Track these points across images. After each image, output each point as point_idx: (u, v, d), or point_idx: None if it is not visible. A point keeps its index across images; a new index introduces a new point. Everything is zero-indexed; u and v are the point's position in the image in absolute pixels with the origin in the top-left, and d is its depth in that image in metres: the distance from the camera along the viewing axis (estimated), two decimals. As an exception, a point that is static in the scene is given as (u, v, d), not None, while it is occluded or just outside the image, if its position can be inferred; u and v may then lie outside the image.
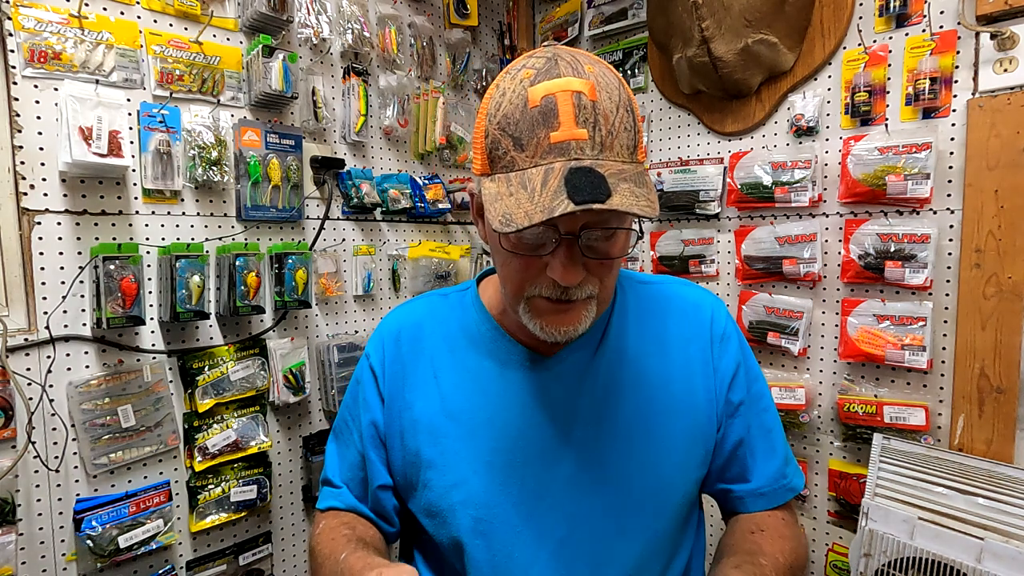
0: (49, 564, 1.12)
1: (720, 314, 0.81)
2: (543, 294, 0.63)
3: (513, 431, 0.72)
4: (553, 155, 0.56)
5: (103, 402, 1.16)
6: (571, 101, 0.56)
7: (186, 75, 1.26)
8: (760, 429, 0.79)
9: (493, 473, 0.72)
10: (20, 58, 1.06)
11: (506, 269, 0.66)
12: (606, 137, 0.57)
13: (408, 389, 0.78)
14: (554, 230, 0.59)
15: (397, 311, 0.87)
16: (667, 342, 0.78)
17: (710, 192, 1.60)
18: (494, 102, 0.60)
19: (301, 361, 1.46)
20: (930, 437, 1.28)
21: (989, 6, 1.15)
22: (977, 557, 1.01)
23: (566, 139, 0.56)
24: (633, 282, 0.83)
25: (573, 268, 0.60)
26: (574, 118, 0.56)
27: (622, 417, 0.73)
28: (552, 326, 0.64)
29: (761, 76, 1.48)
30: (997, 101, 1.16)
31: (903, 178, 1.26)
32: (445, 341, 0.79)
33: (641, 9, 1.77)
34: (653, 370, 0.75)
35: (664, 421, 0.74)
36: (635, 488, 0.72)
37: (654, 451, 0.73)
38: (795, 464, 0.82)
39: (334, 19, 1.54)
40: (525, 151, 0.57)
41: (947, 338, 1.26)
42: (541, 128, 0.56)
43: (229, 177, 1.33)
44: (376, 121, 1.66)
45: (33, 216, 1.09)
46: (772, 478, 0.78)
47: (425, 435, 0.75)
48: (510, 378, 0.74)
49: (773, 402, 0.82)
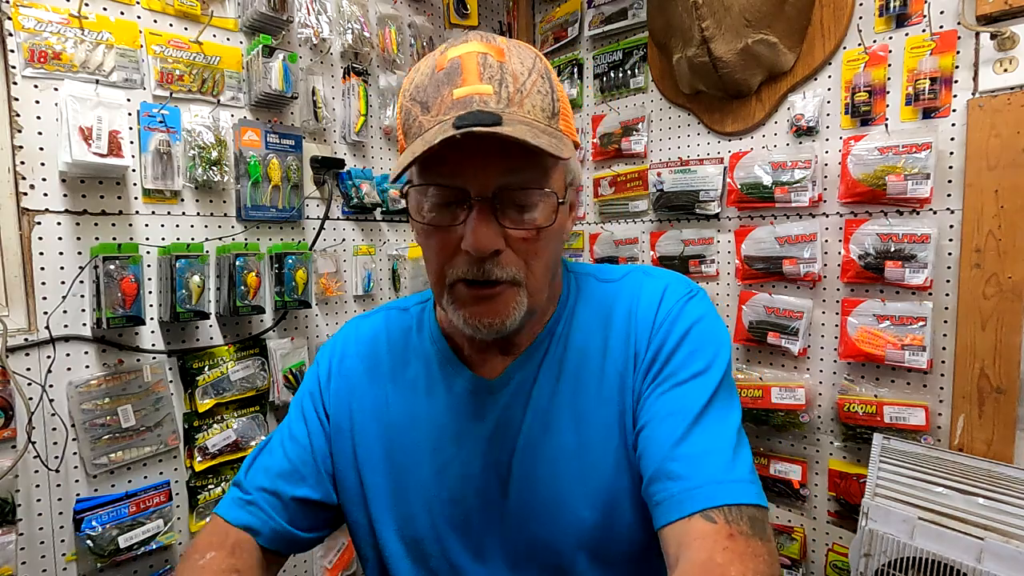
0: (49, 564, 1.12)
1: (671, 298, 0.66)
2: (461, 275, 0.58)
3: (458, 465, 0.68)
4: (457, 109, 0.53)
5: (103, 402, 1.16)
6: (476, 60, 0.55)
7: (186, 75, 1.26)
8: (664, 410, 0.60)
9: (440, 509, 0.68)
10: (20, 58, 1.06)
11: (427, 254, 0.62)
12: (514, 94, 0.55)
13: (358, 411, 0.73)
14: (465, 195, 0.55)
15: (355, 323, 0.81)
16: (608, 349, 0.66)
17: (710, 192, 1.60)
18: (408, 79, 0.59)
19: (301, 361, 1.46)
20: (930, 437, 1.28)
21: (989, 6, 1.15)
22: (977, 557, 1.01)
23: (469, 95, 0.54)
24: (594, 281, 0.73)
25: (484, 230, 0.55)
26: (479, 75, 0.54)
27: (559, 442, 0.65)
28: (475, 317, 0.59)
29: (761, 76, 1.48)
30: (997, 101, 1.16)
31: (903, 178, 1.26)
32: (400, 363, 0.74)
33: (641, 9, 1.77)
34: (589, 384, 0.66)
35: (598, 438, 0.64)
36: (576, 515, 0.64)
37: (589, 474, 0.64)
38: (719, 470, 0.55)
39: (334, 19, 1.54)
40: (431, 112, 0.55)
41: (947, 338, 1.26)
42: (445, 87, 0.55)
43: (229, 177, 1.33)
44: (376, 121, 1.66)
45: (33, 216, 1.09)
46: (658, 475, 0.56)
47: (375, 462, 0.71)
48: (455, 407, 0.69)
49: (705, 393, 0.60)
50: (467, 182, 0.55)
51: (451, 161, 0.55)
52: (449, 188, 0.56)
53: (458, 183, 0.56)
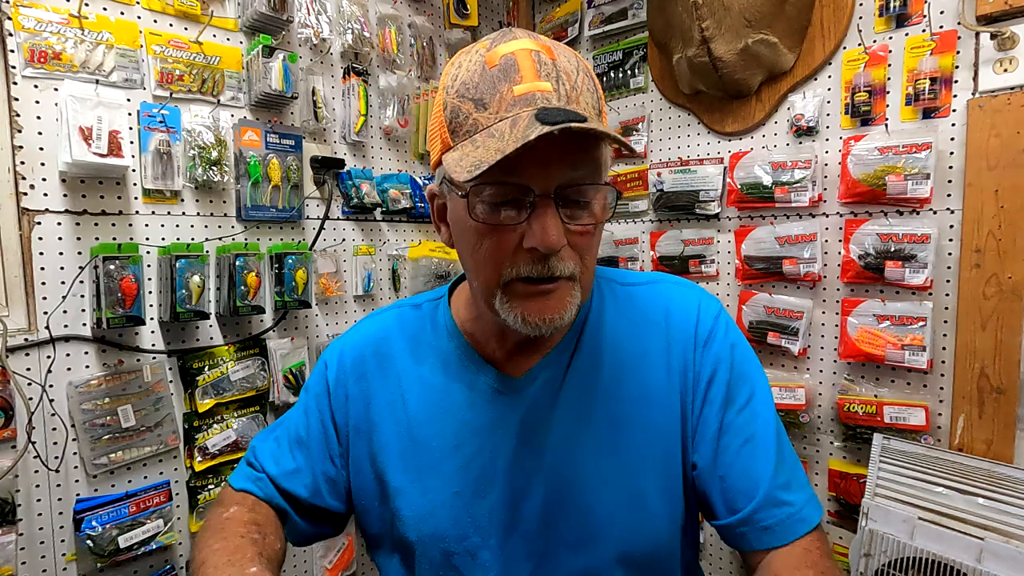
0: (49, 564, 1.12)
1: (707, 314, 0.71)
2: (522, 274, 0.57)
3: (482, 460, 0.67)
4: (519, 106, 0.53)
5: (103, 402, 1.16)
6: (531, 58, 0.55)
7: (186, 75, 1.26)
8: (745, 441, 0.66)
9: (462, 504, 0.67)
10: (20, 58, 1.06)
11: (478, 255, 0.59)
12: (570, 91, 0.55)
13: (373, 410, 0.73)
14: (527, 192, 0.55)
15: (366, 322, 0.81)
16: (646, 353, 0.69)
17: (710, 192, 1.60)
18: (450, 76, 0.58)
19: (301, 361, 1.46)
20: (930, 437, 1.28)
21: (989, 6, 1.15)
22: (977, 557, 1.01)
23: (531, 91, 0.53)
24: (614, 284, 0.75)
25: (554, 227, 0.55)
26: (536, 72, 0.54)
27: (593, 441, 0.66)
28: (535, 314, 0.58)
29: (761, 76, 1.48)
30: (997, 101, 1.16)
31: (903, 178, 1.26)
32: (414, 359, 0.74)
33: (641, 9, 1.77)
34: (627, 387, 0.68)
35: (637, 441, 0.67)
36: (607, 515, 0.65)
37: (626, 475, 0.66)
38: (807, 491, 0.65)
39: (334, 19, 1.54)
40: (488, 109, 0.54)
41: (947, 338, 1.26)
42: (503, 84, 0.54)
43: (229, 177, 1.33)
44: (376, 121, 1.66)
45: (33, 216, 1.09)
46: (766, 503, 0.63)
47: (393, 460, 0.71)
48: (478, 403, 0.69)
49: (770, 413, 0.68)
50: (531, 179, 0.54)
51: (514, 158, 0.52)
52: (511, 185, 0.55)
53: (522, 180, 0.54)
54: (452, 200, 0.62)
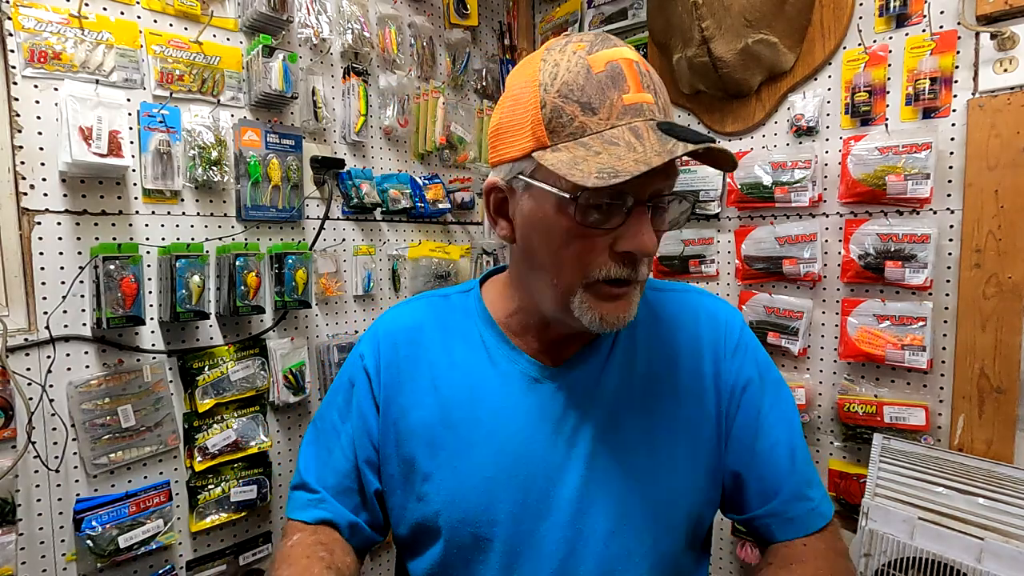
0: (49, 564, 1.12)
1: (734, 325, 0.77)
2: (610, 275, 0.60)
3: (514, 447, 0.69)
4: (629, 116, 0.56)
5: (103, 402, 1.16)
6: (634, 68, 0.58)
7: (186, 75, 1.26)
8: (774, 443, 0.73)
9: (493, 490, 0.68)
10: (20, 58, 1.06)
11: (564, 254, 0.61)
12: (665, 105, 0.59)
13: (404, 395, 0.75)
14: (625, 198, 0.58)
15: (395, 310, 0.83)
16: (678, 355, 0.74)
17: (710, 192, 1.60)
18: (546, 74, 0.59)
19: (301, 361, 1.46)
20: (930, 437, 1.28)
21: (989, 6, 1.15)
22: (977, 557, 1.01)
23: (638, 101, 0.57)
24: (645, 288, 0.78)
25: (650, 233, 0.58)
26: (639, 83, 0.57)
27: (628, 435, 0.70)
28: (611, 314, 0.61)
29: (761, 76, 1.48)
30: (997, 101, 1.16)
31: (903, 178, 1.26)
32: (445, 346, 0.75)
33: (641, 9, 1.77)
34: (662, 386, 0.72)
35: (671, 439, 0.70)
36: (639, 509, 0.68)
37: (659, 471, 0.69)
38: (823, 489, 0.75)
39: (334, 19, 1.54)
40: (598, 114, 0.56)
41: (947, 338, 1.26)
42: (612, 91, 0.56)
43: (229, 177, 1.33)
44: (376, 121, 1.66)
45: (33, 216, 1.09)
46: (791, 497, 0.72)
47: (422, 445, 0.72)
48: (512, 391, 0.71)
49: (794, 417, 0.76)
50: (632, 187, 0.56)
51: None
52: (616, 191, 0.56)
53: (626, 188, 0.56)
54: (532, 197, 0.62)
